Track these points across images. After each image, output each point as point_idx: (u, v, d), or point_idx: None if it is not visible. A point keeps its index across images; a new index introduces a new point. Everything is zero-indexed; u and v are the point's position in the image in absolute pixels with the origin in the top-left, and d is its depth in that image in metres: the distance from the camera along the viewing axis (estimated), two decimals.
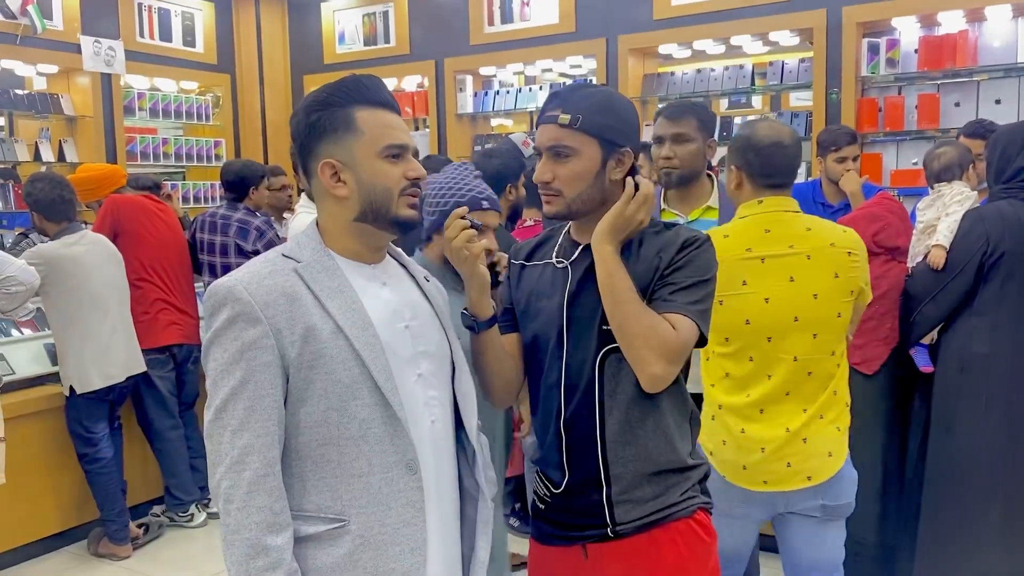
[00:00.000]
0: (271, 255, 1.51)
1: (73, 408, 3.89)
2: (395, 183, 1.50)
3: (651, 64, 5.46)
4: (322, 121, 1.49)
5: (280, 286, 1.43)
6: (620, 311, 1.57)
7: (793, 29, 4.85)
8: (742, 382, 2.21)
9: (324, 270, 1.48)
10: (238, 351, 1.39)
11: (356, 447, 1.43)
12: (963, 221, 2.89)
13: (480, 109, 5.93)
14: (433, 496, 1.52)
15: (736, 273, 2.18)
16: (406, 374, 1.51)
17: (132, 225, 4.20)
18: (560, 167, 1.64)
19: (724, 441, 2.22)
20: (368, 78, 1.53)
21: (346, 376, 1.43)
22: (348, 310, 1.45)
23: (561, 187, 1.65)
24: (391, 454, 1.44)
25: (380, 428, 1.44)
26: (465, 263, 1.62)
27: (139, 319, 4.11)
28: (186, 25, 6.18)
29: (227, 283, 1.42)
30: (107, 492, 3.94)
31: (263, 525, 1.36)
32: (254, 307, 1.39)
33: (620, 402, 1.63)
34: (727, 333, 2.22)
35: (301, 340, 1.41)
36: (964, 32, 4.36)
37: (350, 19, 6.31)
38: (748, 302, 2.18)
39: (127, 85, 5.86)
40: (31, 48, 5.17)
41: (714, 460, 2.22)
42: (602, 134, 1.63)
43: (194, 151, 6.22)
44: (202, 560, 3.95)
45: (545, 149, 1.66)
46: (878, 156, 4.61)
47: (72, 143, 5.54)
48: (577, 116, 1.62)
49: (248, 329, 1.39)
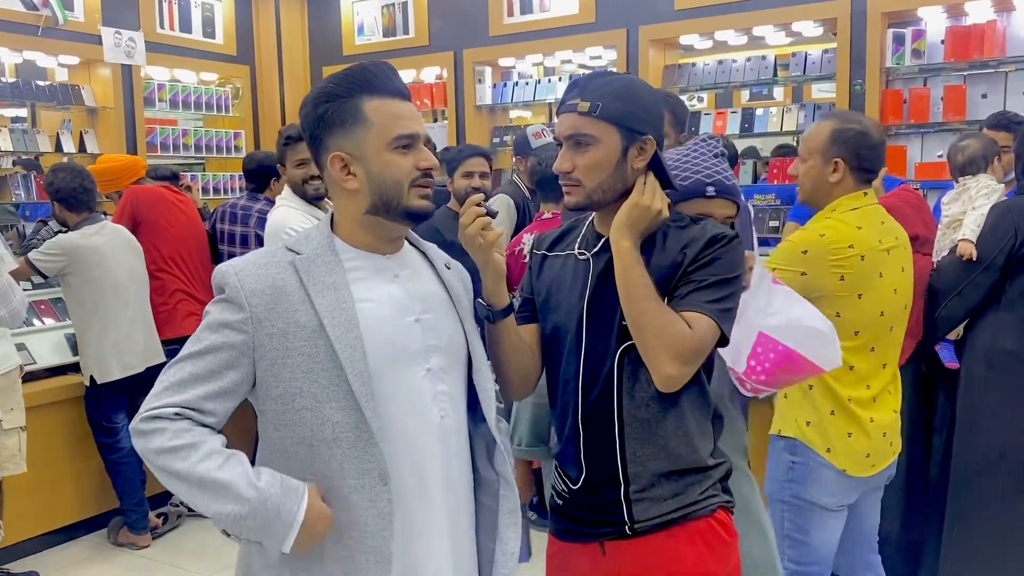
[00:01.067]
0: (276, 246, 1.52)
1: (93, 398, 3.91)
2: (405, 174, 1.48)
3: (672, 55, 5.41)
4: (330, 113, 1.47)
5: (271, 277, 1.44)
6: (634, 308, 1.54)
7: (817, 19, 4.78)
8: (864, 374, 2.25)
9: (323, 264, 1.46)
10: (215, 323, 1.43)
11: (328, 449, 1.41)
12: (990, 215, 2.84)
13: (499, 101, 5.90)
14: (440, 491, 1.51)
15: (874, 266, 2.22)
16: (414, 369, 1.49)
17: (152, 215, 4.21)
18: (580, 156, 1.61)
19: (850, 434, 2.24)
20: (376, 66, 1.50)
21: (323, 377, 1.41)
22: (336, 308, 1.43)
23: (581, 177, 1.61)
24: (364, 461, 1.42)
25: (352, 434, 1.41)
26: (479, 251, 1.58)
27: (158, 310, 4.12)
28: (206, 16, 6.19)
29: (223, 268, 1.46)
30: (127, 482, 3.96)
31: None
32: (240, 293, 1.42)
33: (639, 399, 1.60)
34: (860, 326, 2.23)
35: (281, 334, 1.41)
36: (992, 22, 4.28)
37: (369, 10, 6.29)
38: (883, 294, 2.24)
39: (147, 76, 5.88)
40: (53, 39, 5.19)
41: (834, 456, 2.23)
42: (622, 121, 1.59)
43: (213, 142, 6.23)
44: (220, 549, 3.96)
45: (564, 138, 1.62)
46: (902, 149, 4.55)
47: (93, 134, 5.56)
48: (596, 104, 1.58)
49: (230, 311, 1.42)
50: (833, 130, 2.25)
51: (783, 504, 2.31)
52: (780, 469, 2.31)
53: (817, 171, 2.27)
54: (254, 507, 1.35)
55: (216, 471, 1.35)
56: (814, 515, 2.29)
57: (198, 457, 1.36)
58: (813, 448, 2.25)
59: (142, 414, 1.39)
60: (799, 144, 2.37)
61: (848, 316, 2.21)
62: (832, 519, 2.30)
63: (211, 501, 1.36)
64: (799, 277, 2.20)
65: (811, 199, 2.32)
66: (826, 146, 2.25)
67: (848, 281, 2.20)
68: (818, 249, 2.21)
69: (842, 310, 2.20)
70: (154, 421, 1.38)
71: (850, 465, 2.26)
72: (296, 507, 1.37)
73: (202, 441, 1.38)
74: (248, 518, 1.35)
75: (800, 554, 2.31)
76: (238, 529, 1.38)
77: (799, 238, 2.26)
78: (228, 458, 1.38)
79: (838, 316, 2.20)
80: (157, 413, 1.38)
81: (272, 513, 1.36)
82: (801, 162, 2.31)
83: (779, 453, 2.32)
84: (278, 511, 1.36)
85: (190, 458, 1.36)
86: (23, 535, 3.86)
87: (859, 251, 2.20)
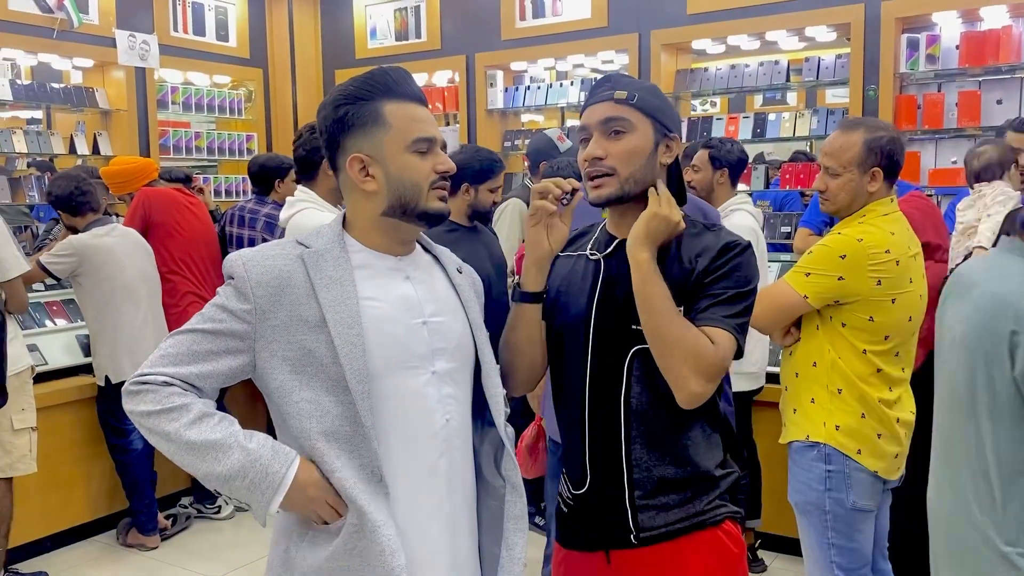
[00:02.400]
0: (287, 240, 1.54)
1: (105, 399, 3.93)
2: (424, 177, 1.49)
3: (684, 60, 5.40)
4: (350, 115, 1.48)
5: (278, 268, 1.45)
6: (655, 322, 1.51)
7: (830, 24, 4.76)
8: (889, 377, 2.26)
9: (331, 260, 1.47)
10: (219, 307, 1.46)
11: (326, 443, 1.43)
12: (1005, 222, 2.81)
13: (511, 105, 5.90)
14: (445, 495, 1.51)
15: (906, 271, 2.23)
16: (419, 372, 1.49)
17: (163, 218, 4.23)
18: (614, 144, 1.59)
19: (880, 435, 2.25)
20: (395, 70, 1.52)
21: (323, 372, 1.43)
22: (339, 303, 1.44)
23: (616, 164, 1.58)
24: (359, 457, 1.43)
25: (350, 428, 1.43)
26: (534, 229, 1.62)
27: (169, 311, 4.14)
28: (219, 19, 6.22)
29: (233, 257, 1.49)
30: (137, 483, 3.97)
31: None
32: (247, 283, 1.44)
33: (646, 405, 1.58)
34: (891, 331, 2.24)
35: (283, 326, 1.44)
36: (1008, 27, 4.24)
37: (382, 14, 6.31)
38: (912, 300, 2.25)
39: (161, 79, 5.91)
40: (67, 42, 5.23)
41: (864, 458, 2.24)
42: (656, 115, 1.60)
43: (226, 145, 6.26)
44: (229, 551, 3.97)
45: (598, 124, 1.60)
46: (916, 155, 4.52)
47: (106, 136, 5.60)
48: (634, 93, 1.59)
49: (236, 299, 1.45)
50: (866, 140, 2.23)
51: (825, 513, 2.28)
52: (815, 479, 2.28)
53: (855, 183, 2.24)
54: (243, 466, 1.38)
55: (207, 431, 1.39)
56: (858, 519, 2.28)
57: (189, 419, 1.40)
58: (845, 452, 2.24)
59: (135, 377, 1.43)
60: (821, 155, 2.34)
61: (881, 320, 2.21)
62: (871, 519, 2.33)
63: (200, 461, 1.39)
64: (836, 282, 2.19)
65: (844, 211, 2.30)
66: (862, 157, 2.23)
67: (884, 286, 2.19)
68: (857, 254, 2.19)
69: (875, 314, 2.20)
70: (145, 385, 1.41)
71: (881, 467, 2.26)
72: (285, 470, 1.40)
73: (191, 403, 1.41)
74: (237, 477, 1.38)
75: (850, 560, 2.30)
76: (228, 489, 1.41)
77: (836, 242, 2.23)
78: (220, 420, 1.42)
79: (871, 320, 2.21)
80: (149, 379, 1.42)
81: (260, 473, 1.39)
82: (831, 176, 2.27)
83: (810, 463, 2.28)
84: (266, 471, 1.39)
85: (181, 419, 1.39)
86: (33, 535, 3.88)
87: (895, 256, 2.20)
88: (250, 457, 1.39)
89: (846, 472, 2.25)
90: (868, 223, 2.25)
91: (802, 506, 2.33)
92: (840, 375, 2.24)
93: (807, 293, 2.22)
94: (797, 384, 2.32)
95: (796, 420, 2.33)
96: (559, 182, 1.61)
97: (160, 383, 1.41)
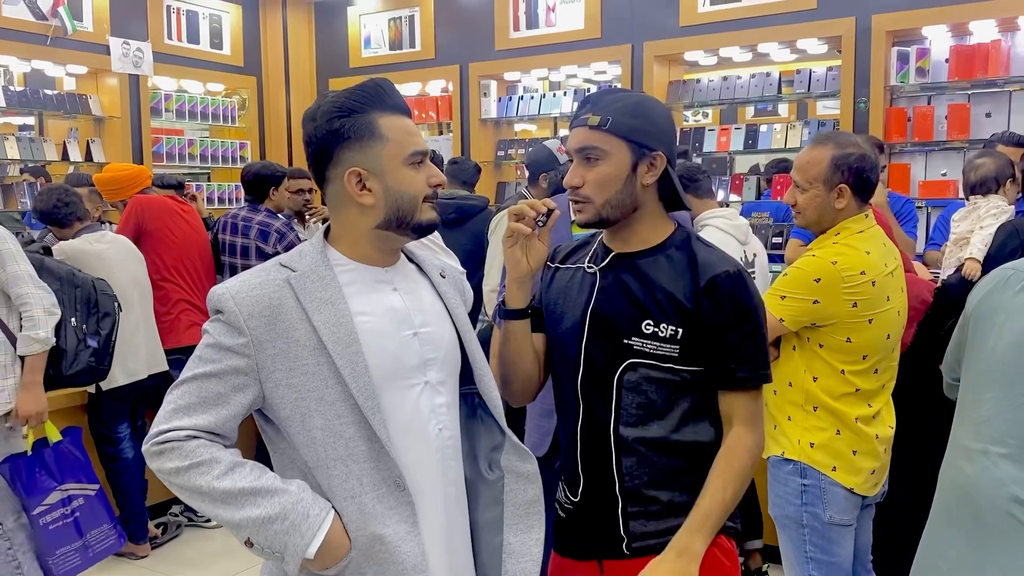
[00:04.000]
0: (270, 263, 1.51)
1: (96, 407, 3.91)
2: (420, 190, 1.49)
3: (676, 71, 5.43)
4: (346, 128, 1.47)
5: (267, 297, 1.43)
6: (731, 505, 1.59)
7: (821, 37, 4.80)
8: (869, 395, 2.25)
9: (319, 280, 1.46)
10: (217, 347, 1.42)
11: (345, 467, 1.42)
12: (997, 234, 2.85)
13: (504, 114, 5.92)
14: (440, 503, 1.51)
15: (883, 290, 2.21)
16: (412, 383, 1.49)
17: (156, 225, 4.22)
18: (589, 171, 1.60)
19: (855, 451, 2.24)
20: (385, 82, 1.51)
21: (330, 394, 1.42)
22: (334, 324, 1.43)
23: (590, 193, 1.60)
24: (379, 471, 1.43)
25: (366, 446, 1.43)
26: (511, 250, 1.63)
27: (161, 319, 4.12)
28: (213, 28, 6.23)
29: (219, 291, 1.45)
30: (127, 492, 3.95)
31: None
32: (238, 317, 1.41)
33: (637, 418, 1.59)
34: (868, 350, 2.22)
35: (283, 354, 1.42)
36: (996, 42, 4.29)
37: (376, 23, 6.33)
38: (890, 317, 2.23)
39: (154, 86, 5.91)
40: (61, 49, 5.22)
41: (839, 475, 2.23)
42: (631, 136, 1.59)
43: (219, 152, 6.26)
44: (220, 560, 3.95)
45: (575, 152, 1.62)
46: (906, 167, 4.55)
47: (99, 143, 5.59)
48: (607, 118, 1.58)
49: (230, 335, 1.42)
50: (834, 156, 2.20)
51: (802, 527, 2.28)
52: (792, 493, 2.28)
53: (821, 199, 2.22)
54: (284, 508, 1.37)
55: (240, 480, 1.38)
56: (835, 534, 2.28)
57: (221, 470, 1.38)
58: (819, 469, 2.24)
59: (154, 437, 1.40)
60: (792, 169, 2.32)
61: (858, 341, 2.20)
62: (850, 533, 2.32)
63: (236, 510, 1.37)
64: (812, 305, 2.18)
65: (814, 226, 2.29)
66: (829, 174, 2.20)
67: (861, 307, 2.18)
68: (831, 277, 2.17)
69: (852, 335, 2.19)
70: (167, 443, 1.39)
71: (857, 483, 2.26)
72: (325, 514, 1.40)
73: (219, 456, 1.39)
74: (277, 520, 1.37)
75: (828, 573, 2.30)
76: (264, 534, 1.38)
77: (810, 265, 2.22)
78: (252, 468, 1.40)
79: (849, 341, 2.19)
80: (171, 436, 1.39)
81: (301, 515, 1.38)
82: (800, 191, 2.26)
83: (786, 477, 2.29)
84: (307, 513, 1.38)
85: (212, 471, 1.37)
86: None
87: (870, 277, 2.18)
88: (292, 499, 1.37)
89: (821, 487, 2.24)
90: (843, 243, 2.22)
91: (781, 520, 2.34)
92: (815, 395, 2.24)
93: (782, 316, 2.21)
94: (775, 401, 2.32)
95: (775, 436, 2.33)
96: (535, 204, 1.61)
97: (183, 438, 1.39)
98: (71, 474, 3.35)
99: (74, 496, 3.33)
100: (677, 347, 1.56)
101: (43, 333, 3.10)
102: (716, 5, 4.99)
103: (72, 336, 3.34)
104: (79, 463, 3.40)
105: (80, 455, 3.40)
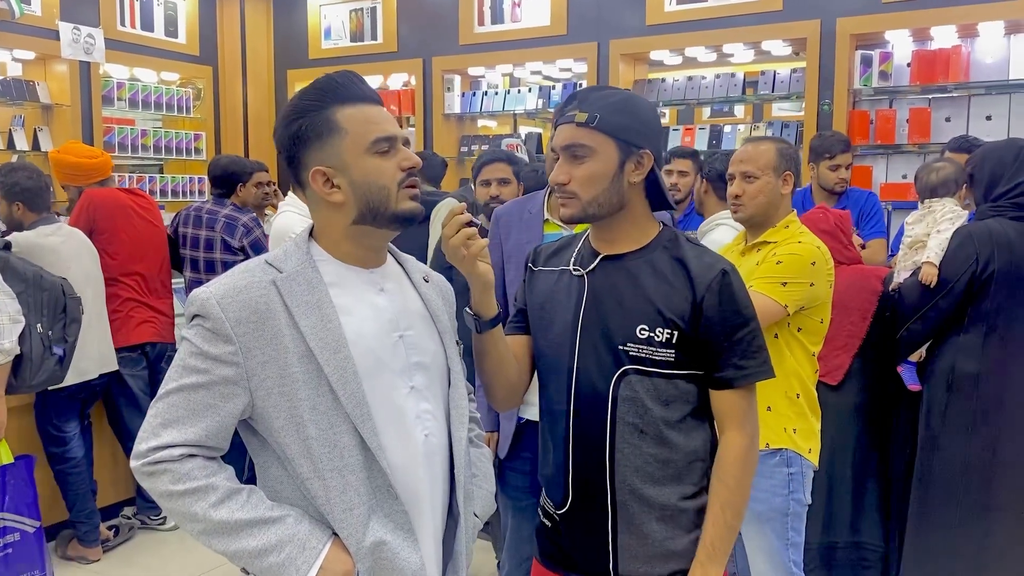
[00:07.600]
0: (255, 263, 1.45)
1: (44, 406, 3.77)
2: (390, 178, 1.43)
3: (642, 70, 5.43)
4: (304, 129, 1.42)
5: (255, 301, 1.37)
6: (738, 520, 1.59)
7: (786, 39, 4.83)
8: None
9: (305, 283, 1.41)
10: (199, 354, 1.36)
11: (341, 478, 1.37)
12: (953, 239, 2.87)
13: (467, 109, 5.87)
14: (428, 511, 1.47)
15: (829, 286, 2.34)
16: (397, 387, 1.45)
17: (108, 224, 4.06)
18: (576, 168, 1.57)
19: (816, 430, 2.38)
20: (342, 74, 1.46)
21: (322, 403, 1.37)
22: (321, 329, 1.38)
23: (577, 189, 1.57)
24: (372, 480, 1.40)
25: (361, 455, 1.39)
26: (464, 262, 1.54)
27: (111, 317, 3.99)
28: (168, 15, 6.06)
29: (203, 295, 1.38)
30: (77, 493, 3.82)
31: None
32: (225, 324, 1.35)
33: (633, 427, 1.55)
34: (825, 331, 2.37)
35: (272, 361, 1.37)
36: (957, 47, 4.36)
37: (336, 14, 6.21)
38: (828, 310, 2.38)
39: (106, 74, 5.73)
40: (7, 33, 5.03)
41: (812, 456, 2.36)
42: (619, 134, 1.56)
43: (173, 144, 6.09)
44: (174, 563, 3.84)
45: (561, 149, 1.59)
46: (868, 169, 4.61)
47: (47, 131, 5.40)
48: (594, 115, 1.55)
49: (216, 343, 1.36)
50: (778, 148, 2.40)
51: (786, 516, 2.34)
52: (778, 484, 2.32)
53: (772, 186, 2.36)
54: (280, 539, 1.34)
55: (238, 510, 1.34)
56: (805, 513, 2.38)
57: (216, 498, 1.33)
58: (800, 453, 2.32)
59: (144, 455, 1.34)
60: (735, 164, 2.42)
61: (825, 321, 2.36)
62: None
63: (232, 540, 1.33)
64: (808, 288, 2.27)
65: (760, 214, 2.39)
66: (777, 162, 2.37)
67: (830, 288, 2.34)
68: (822, 260, 2.31)
69: (823, 316, 2.34)
70: (160, 464, 1.33)
71: (815, 457, 2.39)
72: (322, 545, 1.36)
73: (215, 482, 1.34)
74: (273, 552, 1.33)
75: (798, 554, 2.38)
76: (258, 564, 1.34)
77: (803, 251, 2.31)
78: (248, 495, 1.36)
79: (822, 323, 2.34)
80: (163, 455, 1.33)
81: (298, 546, 1.34)
82: (748, 181, 2.37)
83: (772, 469, 2.31)
84: (304, 545, 1.35)
85: (208, 499, 1.33)
86: None
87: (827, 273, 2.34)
88: (289, 531, 1.35)
89: (803, 472, 2.34)
90: (802, 232, 2.38)
91: (765, 514, 2.34)
92: (798, 380, 2.31)
93: (787, 303, 2.25)
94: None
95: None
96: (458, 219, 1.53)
97: (177, 457, 1.33)
98: (13, 506, 3.19)
99: (10, 529, 3.18)
100: (673, 351, 1.53)
101: (7, 344, 2.95)
102: (683, 4, 4.99)
103: (38, 344, 3.20)
104: (25, 495, 3.25)
105: (29, 486, 3.25)
